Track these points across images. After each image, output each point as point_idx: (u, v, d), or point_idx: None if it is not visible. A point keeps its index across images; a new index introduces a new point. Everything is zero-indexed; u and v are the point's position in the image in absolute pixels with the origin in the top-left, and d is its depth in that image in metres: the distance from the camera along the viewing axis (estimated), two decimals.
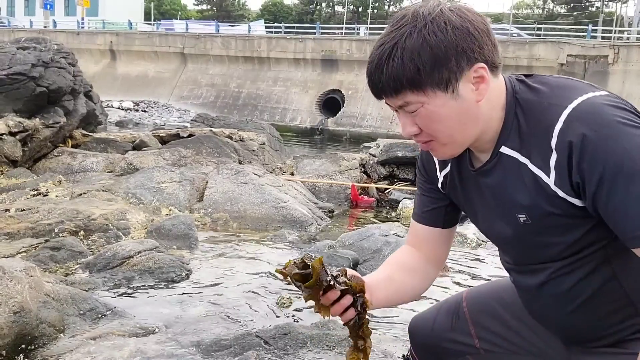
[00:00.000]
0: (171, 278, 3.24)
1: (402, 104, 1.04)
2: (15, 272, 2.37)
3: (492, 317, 1.35)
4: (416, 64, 0.99)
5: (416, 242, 1.33)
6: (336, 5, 48.08)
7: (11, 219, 4.09)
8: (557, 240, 1.08)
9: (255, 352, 2.28)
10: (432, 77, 1.00)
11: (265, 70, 24.32)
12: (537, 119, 1.04)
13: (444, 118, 1.03)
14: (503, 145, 1.08)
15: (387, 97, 1.05)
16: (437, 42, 0.99)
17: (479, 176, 1.15)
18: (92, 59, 26.83)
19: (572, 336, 1.19)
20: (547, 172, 1.02)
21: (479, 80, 1.03)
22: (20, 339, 2.23)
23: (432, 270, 1.33)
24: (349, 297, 1.08)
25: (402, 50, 1.00)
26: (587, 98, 1.01)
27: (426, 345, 1.42)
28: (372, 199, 6.59)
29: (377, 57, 1.03)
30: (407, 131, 1.08)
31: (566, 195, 1.02)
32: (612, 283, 1.09)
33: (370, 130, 19.90)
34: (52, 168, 6.61)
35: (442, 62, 1.00)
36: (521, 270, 1.21)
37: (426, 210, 1.31)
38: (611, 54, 19.02)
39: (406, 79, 1.00)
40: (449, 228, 1.32)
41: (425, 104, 1.02)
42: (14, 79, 6.58)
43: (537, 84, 1.08)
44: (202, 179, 5.35)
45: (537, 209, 1.06)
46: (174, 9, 49.63)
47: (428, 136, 1.07)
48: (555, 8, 46.99)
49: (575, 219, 1.04)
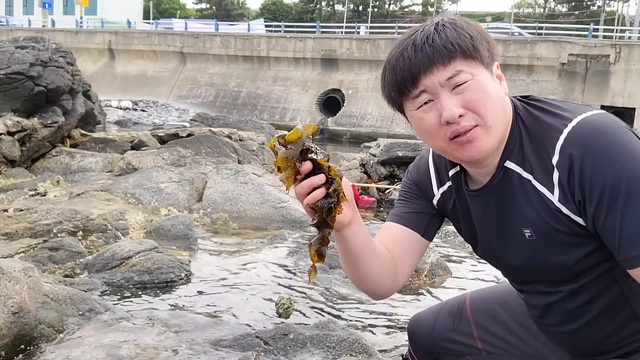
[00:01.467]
0: (170, 278, 3.22)
1: (453, 73, 1.00)
2: (14, 273, 2.35)
3: (495, 320, 1.34)
4: (469, 33, 1.01)
5: (385, 243, 1.23)
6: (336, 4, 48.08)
7: (9, 219, 4.07)
8: (562, 258, 1.06)
9: (255, 353, 2.27)
10: (481, 51, 1.02)
11: (264, 69, 24.30)
12: (538, 136, 1.04)
13: (492, 92, 1.02)
14: (507, 160, 1.07)
15: (436, 70, 1.00)
16: (476, 25, 1.04)
17: (483, 195, 1.12)
18: (90, 58, 26.81)
19: (579, 350, 1.19)
20: (551, 189, 1.02)
21: (499, 77, 1.07)
22: (19, 340, 2.22)
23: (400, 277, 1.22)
24: (322, 176, 0.97)
25: (450, 23, 1.02)
26: (587, 117, 1.01)
27: (426, 345, 1.41)
28: (372, 199, 6.58)
29: (420, 35, 1.02)
30: (453, 112, 1.00)
31: (570, 213, 1.01)
32: (620, 302, 1.08)
33: (371, 130, 19.89)
34: (51, 168, 6.60)
35: (484, 41, 1.03)
36: (528, 291, 1.20)
37: (409, 212, 1.24)
38: (613, 54, 19.00)
39: (463, 43, 1.00)
40: (426, 240, 1.24)
41: (475, 76, 1.01)
42: (12, 78, 6.57)
43: (536, 103, 1.09)
44: (202, 179, 5.34)
45: (542, 224, 1.05)
46: (173, 8, 49.59)
47: (473, 119, 1.01)
48: (556, 7, 47.00)
49: (581, 238, 1.03)
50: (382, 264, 1.18)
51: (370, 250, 1.15)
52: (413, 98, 1.04)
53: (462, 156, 1.05)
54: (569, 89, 19.37)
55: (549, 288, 1.13)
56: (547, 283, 1.13)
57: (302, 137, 0.96)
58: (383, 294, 1.24)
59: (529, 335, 1.28)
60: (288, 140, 0.96)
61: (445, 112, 1.00)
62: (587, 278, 1.08)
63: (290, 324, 2.61)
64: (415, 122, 1.07)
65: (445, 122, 1.01)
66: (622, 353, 1.12)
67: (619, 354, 1.13)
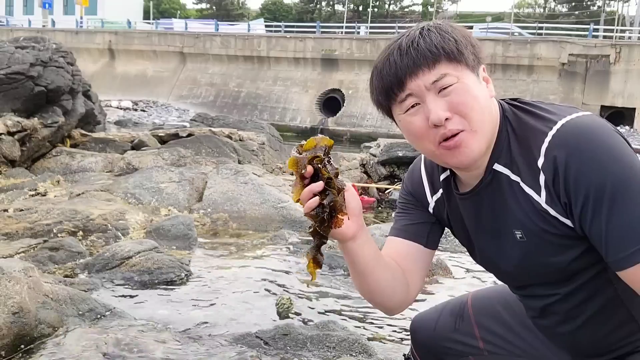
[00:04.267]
0: (170, 278, 3.22)
1: (438, 77, 1.00)
2: (14, 273, 2.35)
3: (497, 320, 1.34)
4: (454, 37, 1.01)
5: (392, 258, 1.22)
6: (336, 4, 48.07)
7: (9, 219, 4.07)
8: (554, 260, 1.07)
9: (255, 353, 2.27)
10: (465, 54, 1.02)
11: (265, 69, 24.30)
12: (525, 138, 1.05)
13: (478, 95, 1.02)
14: (496, 163, 1.08)
15: (421, 74, 1.00)
16: (461, 30, 1.04)
17: (473, 197, 1.13)
18: (90, 58, 26.80)
19: (578, 350, 1.19)
20: (538, 191, 1.03)
21: (486, 80, 1.06)
22: (19, 340, 2.22)
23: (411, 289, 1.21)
24: (321, 184, 1.00)
25: (436, 28, 1.02)
26: (572, 119, 1.01)
27: (428, 345, 1.41)
28: (372, 199, 6.58)
29: (406, 40, 1.03)
30: (439, 115, 1.00)
31: (558, 215, 1.02)
32: (615, 302, 1.09)
33: (371, 130, 19.87)
34: (51, 168, 6.60)
35: (470, 45, 1.03)
36: (525, 295, 1.21)
37: (409, 224, 1.24)
38: (613, 54, 19.00)
39: (447, 47, 1.00)
40: (431, 249, 1.24)
41: (461, 79, 1.01)
42: (13, 78, 6.57)
43: (523, 105, 1.09)
44: (202, 179, 5.34)
45: (532, 225, 1.05)
46: (173, 8, 49.59)
47: (459, 122, 1.01)
48: (556, 7, 46.97)
49: (571, 239, 1.04)
50: (391, 278, 1.18)
51: (378, 264, 1.15)
52: (400, 102, 1.05)
53: (451, 162, 1.06)
54: (569, 89, 19.37)
55: (545, 291, 1.13)
56: (543, 286, 1.13)
57: (315, 146, 1.02)
58: (395, 308, 1.23)
59: (530, 336, 1.28)
60: (303, 148, 1.03)
61: (431, 115, 1.01)
62: (582, 279, 1.08)
63: (290, 324, 2.61)
64: (403, 125, 1.08)
65: (433, 125, 1.02)
66: (621, 354, 1.12)
67: (617, 355, 1.13)
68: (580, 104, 18.82)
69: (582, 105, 18.73)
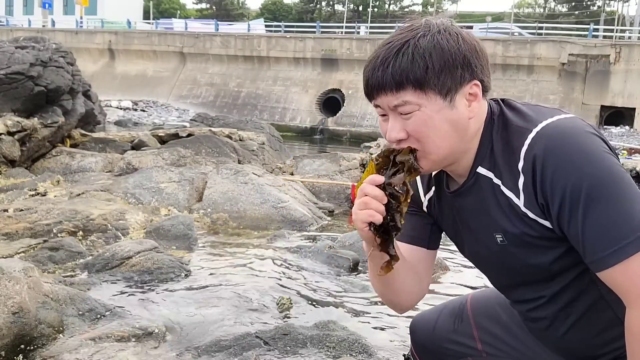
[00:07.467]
0: (170, 278, 3.22)
1: (399, 103, 1.03)
2: (14, 273, 2.36)
3: (495, 322, 1.35)
4: (426, 63, 1.00)
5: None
6: (336, 4, 48.06)
7: (9, 219, 4.07)
8: (535, 261, 1.08)
9: (255, 353, 2.27)
10: (437, 81, 1.01)
11: (264, 69, 24.30)
12: (507, 141, 1.06)
13: (437, 125, 1.03)
14: (479, 166, 1.09)
15: (384, 94, 1.04)
16: (449, 48, 1.01)
17: (457, 198, 1.15)
18: (90, 58, 26.80)
19: (570, 353, 1.19)
20: (517, 194, 1.04)
21: (472, 98, 1.05)
22: (19, 340, 2.22)
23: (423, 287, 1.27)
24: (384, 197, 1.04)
25: (414, 47, 1.01)
26: (551, 121, 1.02)
27: (427, 345, 1.42)
28: None
29: (384, 52, 1.03)
30: (394, 136, 1.05)
31: (536, 217, 1.03)
32: (600, 303, 1.10)
33: (371, 130, 19.86)
34: (51, 168, 6.60)
35: (449, 68, 1.01)
36: (513, 298, 1.22)
37: (411, 229, 1.27)
38: (613, 54, 18.99)
39: (412, 76, 1.01)
40: (433, 250, 1.28)
41: (423, 107, 1.02)
42: (12, 78, 6.57)
43: (509, 107, 1.11)
44: (202, 179, 5.34)
45: (512, 228, 1.07)
46: (173, 8, 49.58)
47: (414, 143, 1.05)
48: (556, 7, 46.98)
49: (551, 241, 1.05)
50: (412, 277, 1.23)
51: (404, 266, 1.19)
52: (375, 105, 1.10)
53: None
54: (569, 89, 19.36)
55: (532, 294, 1.15)
56: (528, 288, 1.15)
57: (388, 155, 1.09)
58: (409, 306, 1.29)
59: (528, 338, 1.29)
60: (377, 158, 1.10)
61: (387, 133, 1.07)
62: (565, 280, 1.09)
63: (290, 324, 2.61)
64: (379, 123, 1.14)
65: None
66: (616, 355, 1.12)
67: (612, 357, 1.13)
68: (580, 104, 18.84)
69: (582, 105, 18.76)
